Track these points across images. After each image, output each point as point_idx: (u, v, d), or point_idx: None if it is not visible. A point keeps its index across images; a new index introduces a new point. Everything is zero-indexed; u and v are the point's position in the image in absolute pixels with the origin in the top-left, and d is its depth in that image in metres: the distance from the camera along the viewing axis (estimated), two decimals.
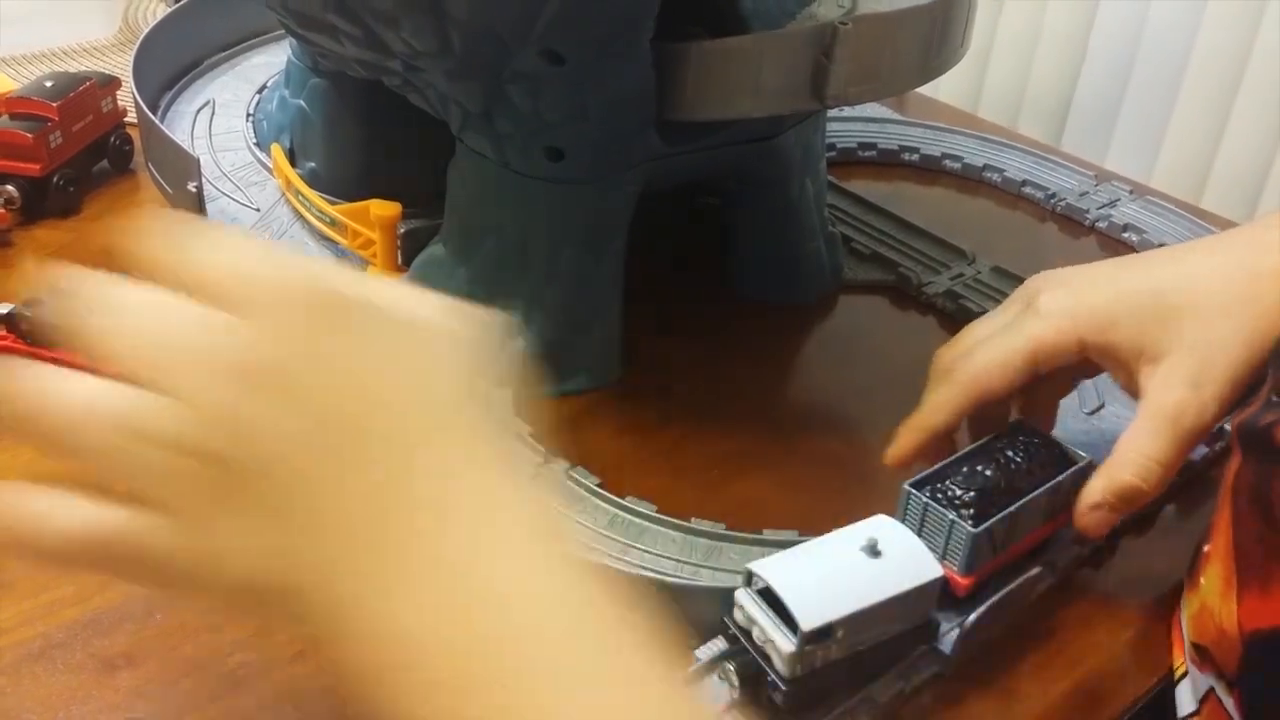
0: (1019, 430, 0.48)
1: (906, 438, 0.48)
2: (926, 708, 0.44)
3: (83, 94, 0.70)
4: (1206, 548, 0.45)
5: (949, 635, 0.44)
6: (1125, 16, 0.97)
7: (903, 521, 0.44)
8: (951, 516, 0.44)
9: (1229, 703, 0.42)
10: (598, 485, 0.52)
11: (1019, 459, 0.46)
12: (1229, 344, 0.44)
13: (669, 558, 0.48)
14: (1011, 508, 0.44)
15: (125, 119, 0.74)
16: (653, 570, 0.47)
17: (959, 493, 0.44)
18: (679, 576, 0.47)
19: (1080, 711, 0.45)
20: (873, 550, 0.41)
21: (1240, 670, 0.42)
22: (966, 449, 0.47)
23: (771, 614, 0.40)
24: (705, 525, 0.50)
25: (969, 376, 0.47)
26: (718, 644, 0.42)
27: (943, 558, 0.44)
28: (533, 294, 0.57)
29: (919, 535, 0.44)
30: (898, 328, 0.66)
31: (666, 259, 0.68)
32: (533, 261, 0.57)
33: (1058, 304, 0.46)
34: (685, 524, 0.50)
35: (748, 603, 0.41)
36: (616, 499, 0.51)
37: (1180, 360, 0.44)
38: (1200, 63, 0.92)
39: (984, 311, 0.53)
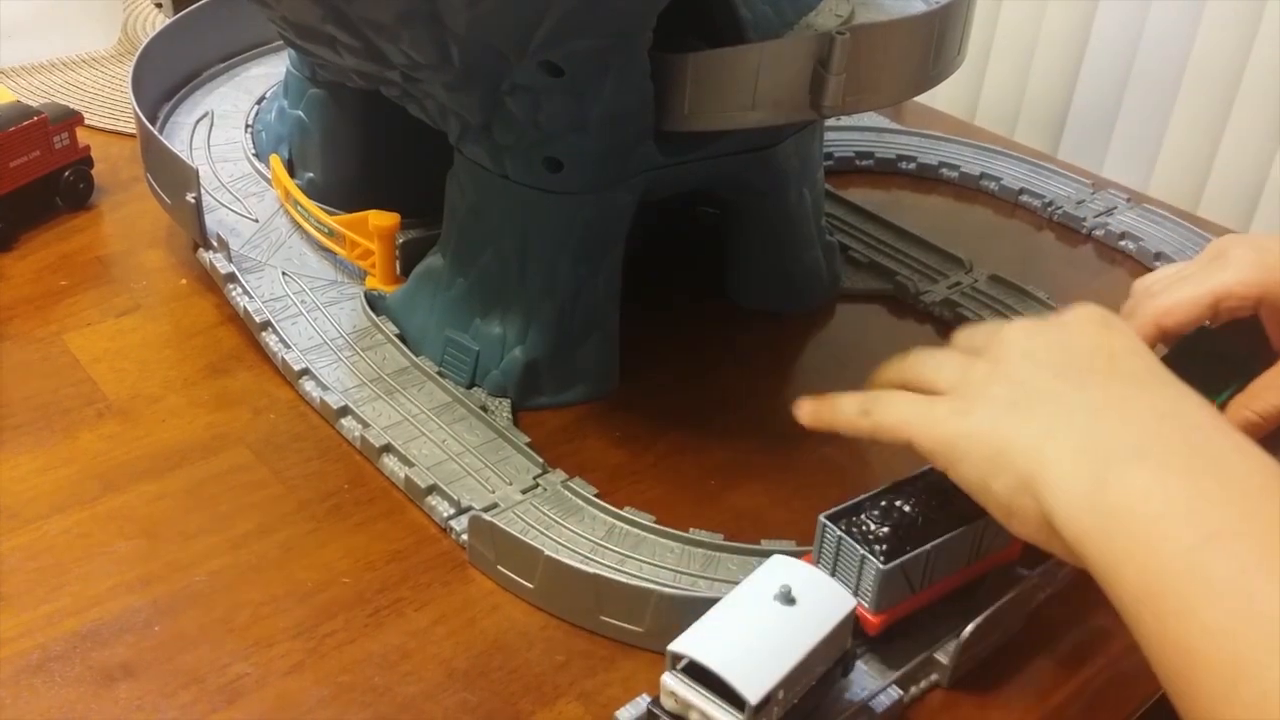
0: None
1: None
2: None
3: (25, 129, 0.68)
4: None
5: (948, 645, 0.44)
6: (1122, 25, 0.97)
7: (819, 552, 0.44)
8: (863, 552, 0.42)
9: None
10: (596, 496, 0.52)
11: (940, 497, 0.45)
12: None
13: (667, 568, 0.48)
14: (926, 546, 0.43)
15: (87, 155, 0.72)
16: (650, 580, 0.47)
17: (873, 528, 0.43)
18: (677, 587, 0.47)
19: None
20: (786, 598, 0.40)
21: None
22: (886, 485, 0.46)
23: (706, 693, 0.38)
24: (703, 536, 0.50)
25: (1155, 309, 0.50)
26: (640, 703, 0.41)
27: (855, 593, 0.43)
28: (531, 304, 0.57)
29: (833, 569, 0.43)
30: (895, 336, 0.66)
31: (664, 269, 0.68)
32: (531, 272, 0.57)
33: (1248, 259, 0.50)
34: (683, 534, 0.50)
35: (678, 687, 0.39)
36: (615, 510, 0.51)
37: None
38: (1197, 71, 0.92)
39: (981, 320, 0.53)
